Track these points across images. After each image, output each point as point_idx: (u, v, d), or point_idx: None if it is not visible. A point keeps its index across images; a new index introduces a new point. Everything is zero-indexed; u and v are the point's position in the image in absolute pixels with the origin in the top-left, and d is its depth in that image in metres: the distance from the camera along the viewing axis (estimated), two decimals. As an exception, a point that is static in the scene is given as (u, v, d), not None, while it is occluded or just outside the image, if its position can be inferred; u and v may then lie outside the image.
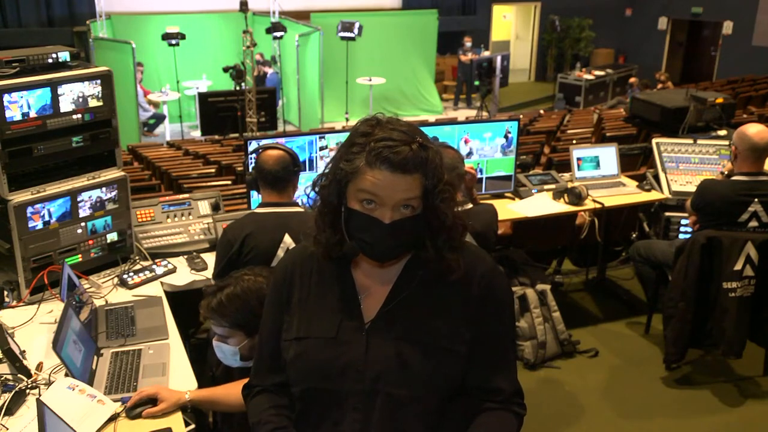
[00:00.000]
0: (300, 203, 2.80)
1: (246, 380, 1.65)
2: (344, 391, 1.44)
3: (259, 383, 1.59)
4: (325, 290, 1.51)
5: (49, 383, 2.24)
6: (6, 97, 2.62)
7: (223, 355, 2.19)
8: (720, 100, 5.19)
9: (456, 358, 1.46)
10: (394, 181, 1.35)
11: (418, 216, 1.40)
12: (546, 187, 4.29)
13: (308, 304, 1.51)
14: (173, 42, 10.57)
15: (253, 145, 3.27)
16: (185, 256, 3.27)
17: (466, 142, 4.03)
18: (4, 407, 2.10)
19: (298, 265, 1.55)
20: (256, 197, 3.22)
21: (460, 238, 1.46)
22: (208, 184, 5.28)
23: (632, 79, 12.85)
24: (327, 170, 1.44)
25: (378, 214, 1.38)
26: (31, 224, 2.79)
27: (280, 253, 2.64)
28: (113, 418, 2.08)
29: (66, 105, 2.82)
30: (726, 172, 3.69)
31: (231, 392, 2.17)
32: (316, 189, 1.46)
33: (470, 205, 3.16)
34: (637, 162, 5.61)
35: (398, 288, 1.47)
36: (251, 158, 3.03)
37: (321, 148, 3.66)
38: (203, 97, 10.27)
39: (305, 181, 2.79)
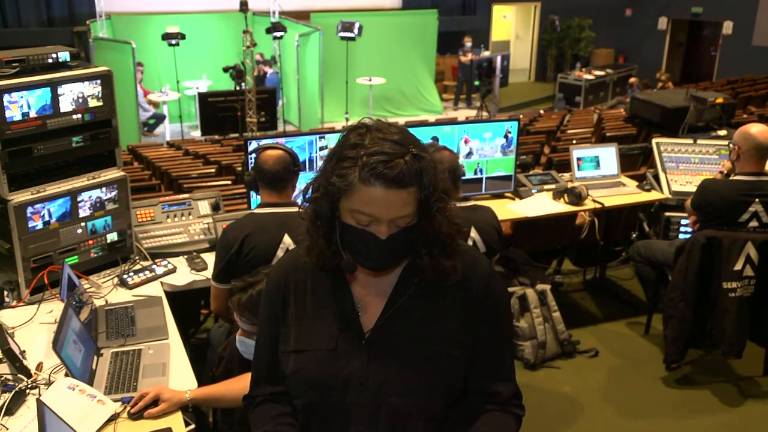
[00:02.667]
0: (300, 203, 2.80)
1: (246, 375, 1.65)
2: (347, 403, 1.42)
3: (259, 393, 1.57)
4: (322, 300, 1.48)
5: (49, 383, 2.24)
6: (6, 97, 2.62)
7: (246, 350, 2.20)
8: (720, 100, 5.20)
9: (457, 364, 1.45)
10: (389, 197, 1.31)
11: (414, 225, 1.38)
12: (546, 187, 4.29)
13: (305, 316, 1.48)
14: (173, 42, 10.57)
15: (253, 145, 3.27)
16: (185, 256, 3.27)
17: (466, 142, 4.03)
18: (4, 407, 2.10)
19: (291, 274, 1.52)
20: (256, 197, 3.23)
21: (455, 243, 1.44)
22: (208, 184, 5.28)
23: (632, 79, 12.86)
24: (316, 182, 1.41)
25: (373, 229, 1.35)
26: (31, 224, 2.78)
27: (280, 253, 2.64)
28: (113, 418, 2.08)
29: (66, 105, 2.82)
30: (725, 172, 3.69)
31: (231, 388, 2.17)
32: (307, 200, 1.43)
33: (471, 203, 3.17)
34: (637, 162, 5.61)
35: (395, 296, 1.45)
36: (250, 158, 3.03)
37: (321, 148, 3.66)
38: (203, 97, 10.28)
39: (305, 181, 2.79)
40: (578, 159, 4.43)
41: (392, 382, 1.41)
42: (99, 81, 2.91)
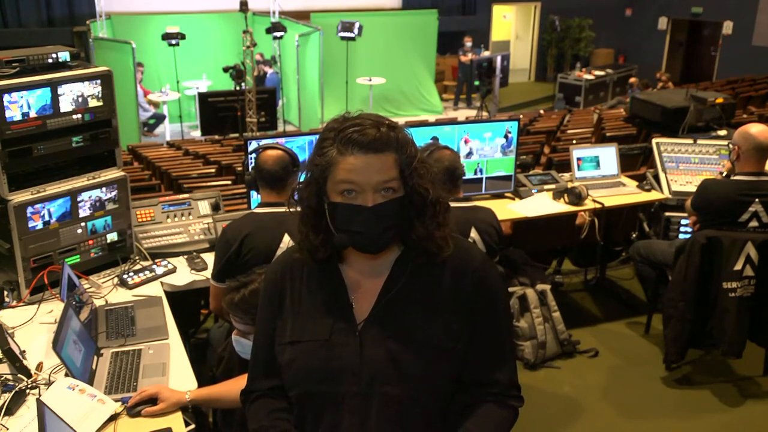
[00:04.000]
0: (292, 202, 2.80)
1: (246, 375, 1.65)
2: (341, 393, 1.44)
3: (257, 388, 1.59)
4: (316, 293, 1.51)
5: (49, 383, 2.24)
6: (6, 97, 2.62)
7: (242, 350, 2.22)
8: (720, 100, 5.19)
9: (450, 355, 1.46)
10: (368, 162, 1.37)
11: (401, 198, 1.41)
12: (546, 187, 4.29)
13: (300, 308, 1.51)
14: (173, 42, 10.57)
15: (252, 145, 3.27)
16: (185, 256, 3.27)
17: (466, 142, 4.03)
18: (4, 407, 2.10)
19: (288, 268, 1.55)
20: (256, 197, 3.22)
21: (445, 215, 1.46)
22: (208, 184, 5.28)
23: (632, 79, 12.85)
24: (304, 173, 1.46)
25: (360, 200, 1.38)
26: (31, 224, 2.78)
27: (279, 253, 2.63)
28: (113, 418, 2.08)
29: (66, 105, 2.82)
30: (725, 173, 3.69)
31: (231, 389, 2.18)
32: (296, 193, 1.47)
33: (472, 203, 3.17)
34: (637, 162, 5.61)
35: (388, 287, 1.47)
36: (250, 158, 3.03)
37: (321, 148, 3.65)
38: (203, 97, 10.27)
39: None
40: (578, 159, 4.43)
41: (385, 372, 1.43)
42: (99, 81, 2.91)
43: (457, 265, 1.48)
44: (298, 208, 1.49)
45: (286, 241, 2.65)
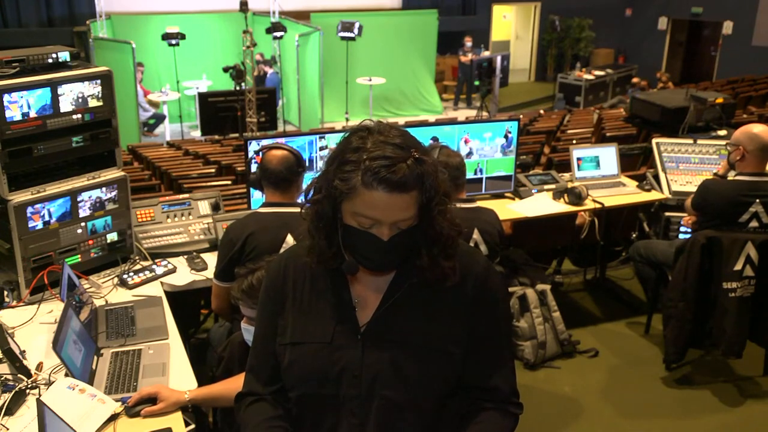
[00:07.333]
0: (301, 203, 2.80)
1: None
2: (341, 396, 1.44)
3: (254, 392, 1.57)
4: (320, 295, 1.50)
5: (49, 383, 2.24)
6: (6, 97, 2.62)
7: (250, 338, 2.21)
8: (720, 100, 5.19)
9: (451, 360, 1.46)
10: (391, 201, 1.33)
11: (415, 227, 1.39)
12: (546, 187, 4.29)
13: (302, 309, 1.50)
14: (173, 42, 10.57)
15: (253, 146, 3.27)
16: (185, 256, 3.27)
17: (466, 142, 4.03)
18: (4, 407, 2.10)
19: (291, 268, 1.53)
20: (257, 197, 3.23)
21: (455, 245, 1.45)
22: (208, 184, 5.29)
23: (635, 79, 12.86)
24: (318, 183, 1.42)
25: (375, 231, 1.37)
26: (31, 224, 2.78)
27: (282, 252, 2.64)
28: (113, 418, 2.08)
29: (66, 105, 2.82)
30: (721, 173, 3.68)
31: (230, 387, 2.18)
32: (308, 201, 1.44)
33: (475, 204, 3.17)
34: (637, 162, 5.61)
35: (392, 292, 1.47)
36: (253, 158, 3.04)
37: (321, 148, 3.66)
38: (203, 97, 10.27)
39: (308, 181, 2.78)
40: (578, 159, 4.43)
41: (386, 375, 1.43)
42: (99, 81, 2.91)
43: (460, 269, 1.47)
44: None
45: (289, 241, 2.65)
